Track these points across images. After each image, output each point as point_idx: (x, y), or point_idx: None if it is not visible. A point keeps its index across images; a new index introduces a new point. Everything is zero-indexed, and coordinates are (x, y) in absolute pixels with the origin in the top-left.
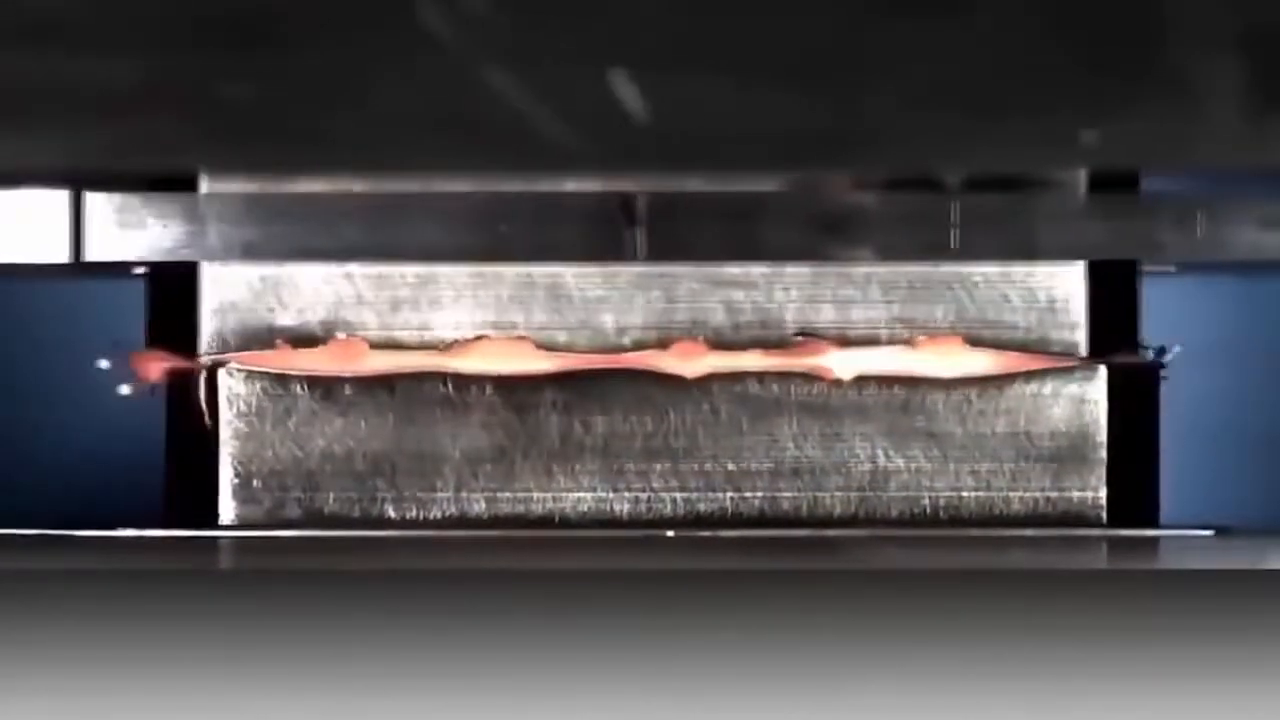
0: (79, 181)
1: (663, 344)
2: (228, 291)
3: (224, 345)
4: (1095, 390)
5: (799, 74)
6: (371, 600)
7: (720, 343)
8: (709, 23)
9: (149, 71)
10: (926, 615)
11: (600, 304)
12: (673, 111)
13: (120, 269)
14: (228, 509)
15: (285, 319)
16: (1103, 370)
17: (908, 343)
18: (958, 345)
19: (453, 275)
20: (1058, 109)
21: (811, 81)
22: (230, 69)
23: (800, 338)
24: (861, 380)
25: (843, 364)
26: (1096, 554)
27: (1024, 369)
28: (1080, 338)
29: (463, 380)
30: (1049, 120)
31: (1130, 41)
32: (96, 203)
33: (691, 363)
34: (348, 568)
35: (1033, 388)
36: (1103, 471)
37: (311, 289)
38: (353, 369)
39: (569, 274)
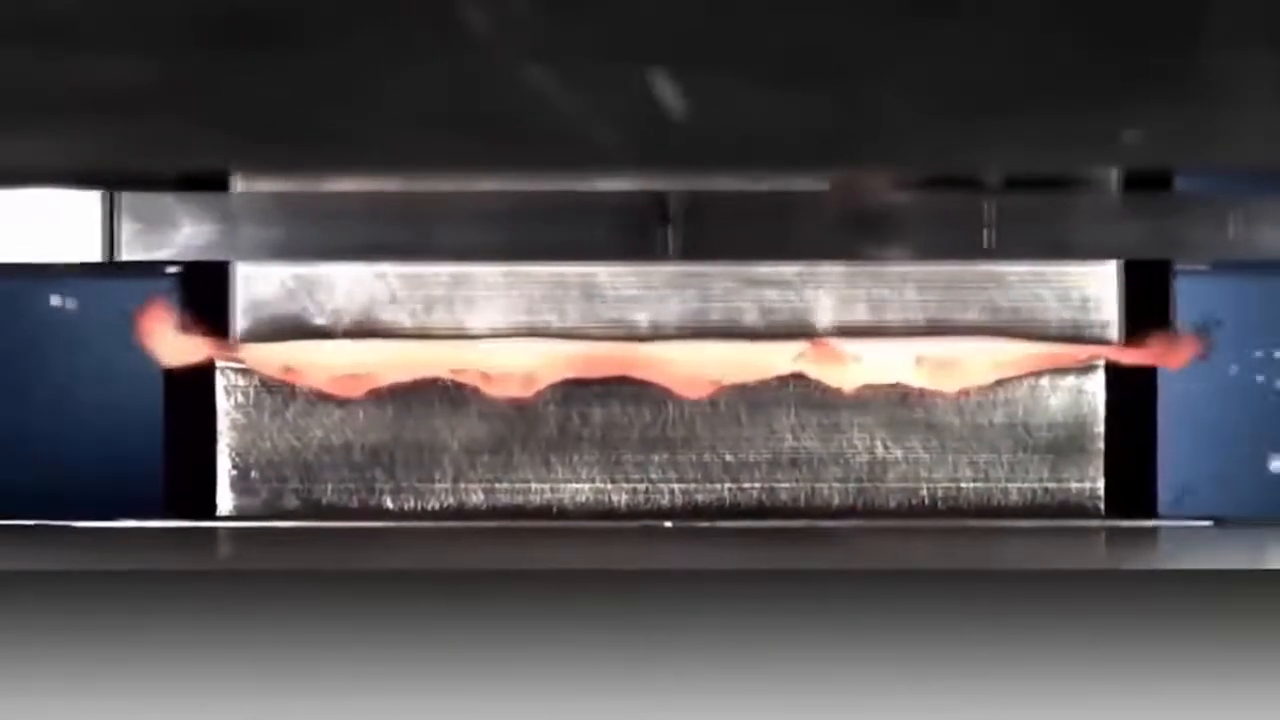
0: (112, 182)
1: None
2: (260, 289)
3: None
4: (1093, 383)
5: (833, 74)
6: (371, 600)
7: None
8: (741, 23)
9: (172, 70)
10: (926, 615)
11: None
12: (707, 111)
13: (154, 268)
14: (226, 500)
15: (320, 318)
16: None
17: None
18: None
19: (485, 274)
20: (1091, 109)
21: (846, 81)
22: (258, 67)
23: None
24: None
25: (869, 366)
26: (1096, 544)
27: (1056, 364)
28: (1113, 335)
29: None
30: (1083, 120)
31: (1163, 41)
32: (128, 201)
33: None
34: (346, 564)
35: (1031, 380)
36: (1100, 463)
37: (344, 288)
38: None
39: (603, 273)
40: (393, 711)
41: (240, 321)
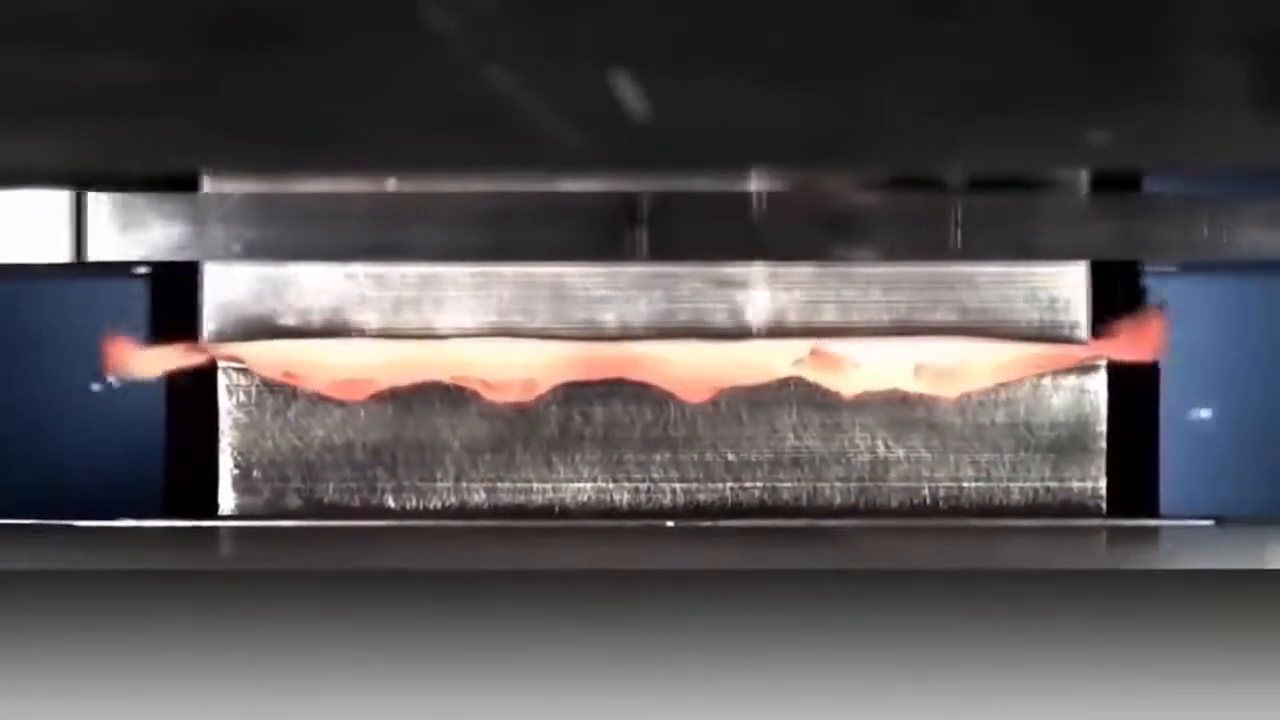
0: (81, 182)
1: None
2: (229, 290)
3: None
4: (1095, 381)
5: (804, 73)
6: (372, 600)
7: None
8: (712, 21)
9: (155, 71)
10: (927, 615)
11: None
12: (677, 110)
13: (122, 268)
14: (228, 499)
15: (289, 319)
16: (1102, 362)
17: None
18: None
19: (455, 275)
20: (1061, 109)
21: (816, 80)
22: (236, 68)
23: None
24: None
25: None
26: (1097, 544)
27: (1039, 365)
28: (1082, 335)
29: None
30: (1052, 120)
31: (1133, 40)
32: (98, 203)
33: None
34: (347, 564)
35: (1032, 379)
36: (1102, 462)
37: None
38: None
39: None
40: (393, 711)
41: (209, 324)
